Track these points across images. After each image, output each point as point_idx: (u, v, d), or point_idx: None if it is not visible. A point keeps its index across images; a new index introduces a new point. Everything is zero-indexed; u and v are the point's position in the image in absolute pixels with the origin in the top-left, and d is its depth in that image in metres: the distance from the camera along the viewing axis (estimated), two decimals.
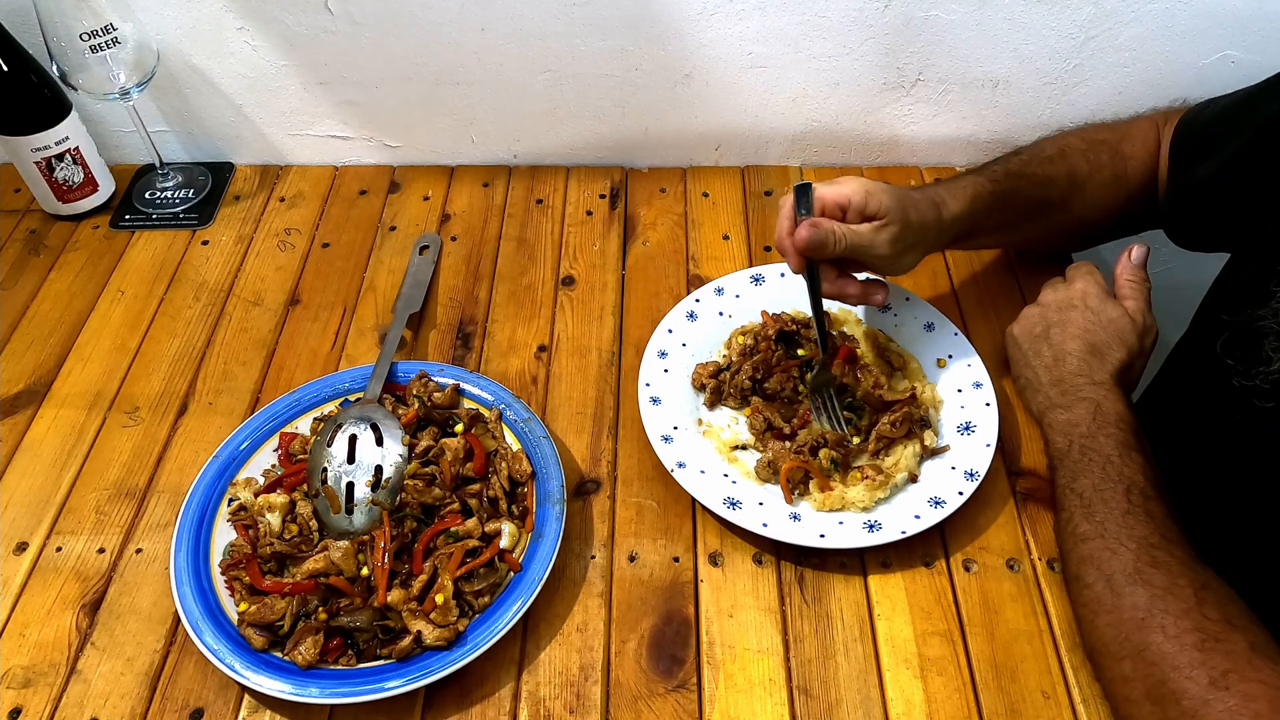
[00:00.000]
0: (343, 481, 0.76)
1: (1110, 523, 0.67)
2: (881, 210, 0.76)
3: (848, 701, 0.68)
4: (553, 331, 0.94)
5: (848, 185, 0.76)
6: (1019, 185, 0.84)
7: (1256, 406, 0.70)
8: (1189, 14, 0.95)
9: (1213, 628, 0.60)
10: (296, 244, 1.04)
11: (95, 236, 1.04)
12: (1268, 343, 0.70)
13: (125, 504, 0.80)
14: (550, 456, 0.78)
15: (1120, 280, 0.84)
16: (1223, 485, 0.76)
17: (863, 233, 0.76)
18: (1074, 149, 0.87)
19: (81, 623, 0.73)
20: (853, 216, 0.76)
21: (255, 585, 0.71)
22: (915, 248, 0.79)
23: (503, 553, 0.73)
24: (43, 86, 0.98)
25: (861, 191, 0.76)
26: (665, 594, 0.74)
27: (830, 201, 0.76)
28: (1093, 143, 0.88)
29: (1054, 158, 0.86)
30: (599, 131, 1.09)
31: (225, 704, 0.68)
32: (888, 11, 0.97)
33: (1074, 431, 0.74)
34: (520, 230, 1.04)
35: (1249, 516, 0.72)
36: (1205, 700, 0.57)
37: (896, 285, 0.92)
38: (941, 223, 0.80)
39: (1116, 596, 0.64)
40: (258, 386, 0.89)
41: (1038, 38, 0.98)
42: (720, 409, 0.85)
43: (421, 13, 0.98)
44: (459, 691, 0.69)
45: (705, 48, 1.00)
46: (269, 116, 1.08)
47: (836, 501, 0.76)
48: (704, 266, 1.00)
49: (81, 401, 0.88)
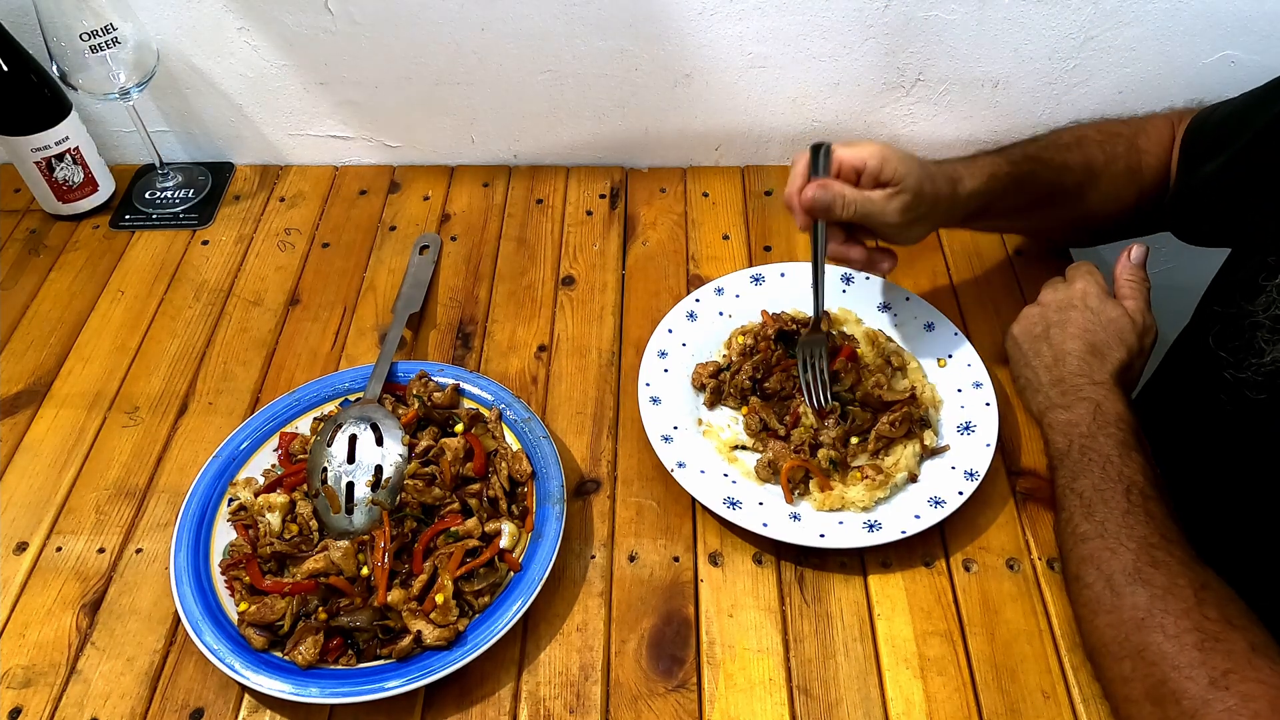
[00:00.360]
0: (343, 481, 0.76)
1: (1110, 523, 0.67)
2: (896, 178, 0.75)
3: (848, 701, 0.68)
4: (553, 331, 0.94)
5: (865, 149, 0.75)
6: (1036, 169, 0.84)
7: (1248, 398, 0.70)
8: (1189, 14, 0.95)
9: (1213, 628, 0.60)
10: (296, 244, 1.04)
11: (95, 236, 1.05)
12: (1260, 335, 0.70)
13: (125, 504, 0.80)
14: (550, 456, 0.78)
15: (1120, 280, 0.84)
16: (1218, 477, 0.76)
17: (874, 199, 0.75)
18: (1090, 139, 0.87)
19: (81, 623, 0.73)
20: (867, 181, 0.76)
21: (255, 585, 0.71)
22: (925, 219, 0.79)
23: (503, 553, 0.73)
24: (43, 86, 0.98)
25: (878, 157, 0.75)
26: (665, 594, 0.74)
27: (846, 164, 0.76)
28: (1109, 134, 0.88)
29: (1071, 145, 0.86)
30: (599, 131, 1.09)
31: (225, 704, 0.68)
32: (888, 11, 0.97)
33: (1074, 431, 0.74)
34: (520, 230, 1.04)
35: (1244, 508, 0.73)
36: (1205, 700, 0.57)
37: (896, 285, 0.92)
38: (956, 198, 0.79)
39: (1116, 596, 0.64)
40: (258, 386, 0.89)
41: (1038, 38, 0.98)
42: (720, 409, 0.85)
43: (421, 13, 0.98)
44: (459, 691, 0.68)
45: (705, 48, 1.00)
46: (269, 116, 1.08)
47: (836, 501, 0.76)
48: (704, 266, 1.00)
49: (81, 401, 0.88)
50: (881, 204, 0.75)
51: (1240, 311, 0.73)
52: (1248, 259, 0.76)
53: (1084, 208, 0.88)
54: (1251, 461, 0.71)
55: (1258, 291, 0.71)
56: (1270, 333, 0.70)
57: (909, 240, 0.80)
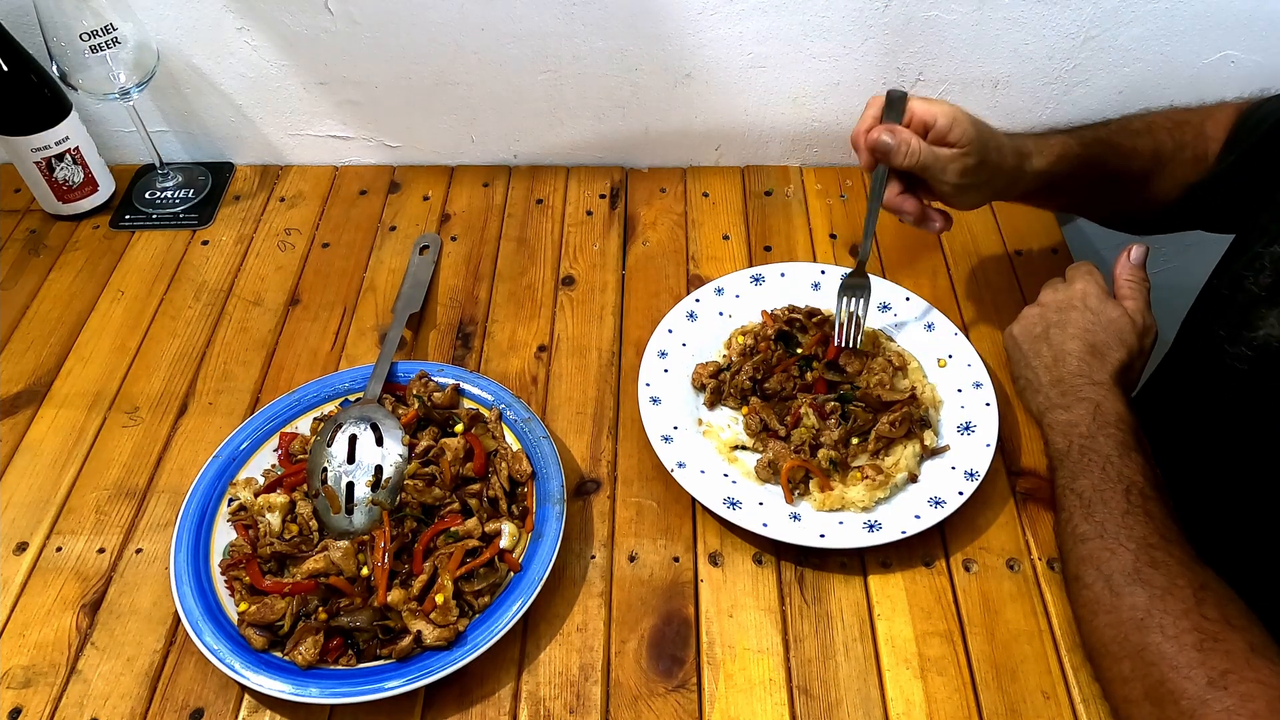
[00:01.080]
0: (343, 481, 0.76)
1: (1110, 523, 0.67)
2: (963, 140, 0.76)
3: (848, 701, 0.68)
4: (553, 331, 0.94)
5: (939, 106, 0.76)
6: (1105, 153, 0.85)
7: (1238, 370, 0.72)
8: (1189, 14, 0.95)
9: (1211, 628, 0.60)
10: (296, 244, 1.04)
11: (95, 236, 1.05)
12: (1255, 310, 0.72)
13: (125, 504, 0.80)
14: (550, 456, 0.78)
15: (1120, 280, 0.84)
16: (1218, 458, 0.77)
17: (938, 154, 0.76)
18: (1160, 126, 0.88)
19: (81, 623, 0.73)
20: (935, 138, 0.77)
21: (255, 585, 0.71)
22: (984, 187, 0.79)
23: (503, 553, 0.73)
24: (43, 86, 0.98)
25: (949, 116, 0.76)
26: (665, 594, 0.74)
27: (918, 117, 0.77)
28: (1178, 122, 0.88)
29: (1140, 131, 0.87)
30: (599, 131, 1.09)
31: (225, 704, 0.68)
32: (888, 11, 0.97)
33: (1073, 432, 0.74)
34: (520, 230, 1.04)
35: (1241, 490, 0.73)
36: (1203, 700, 0.57)
37: (897, 285, 0.92)
38: (1022, 172, 0.80)
39: (1116, 597, 0.64)
40: (258, 386, 0.89)
41: (1038, 38, 0.98)
42: (720, 409, 0.85)
43: (421, 13, 0.98)
44: (459, 691, 0.68)
45: (705, 48, 1.00)
46: (269, 116, 1.08)
47: (836, 501, 0.76)
48: (704, 266, 1.00)
49: (81, 401, 0.88)
50: (944, 161, 0.76)
51: (1236, 285, 0.75)
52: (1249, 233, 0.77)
53: (1147, 195, 0.89)
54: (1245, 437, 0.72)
55: (1254, 259, 0.73)
56: (1266, 305, 0.71)
57: (965, 205, 0.81)
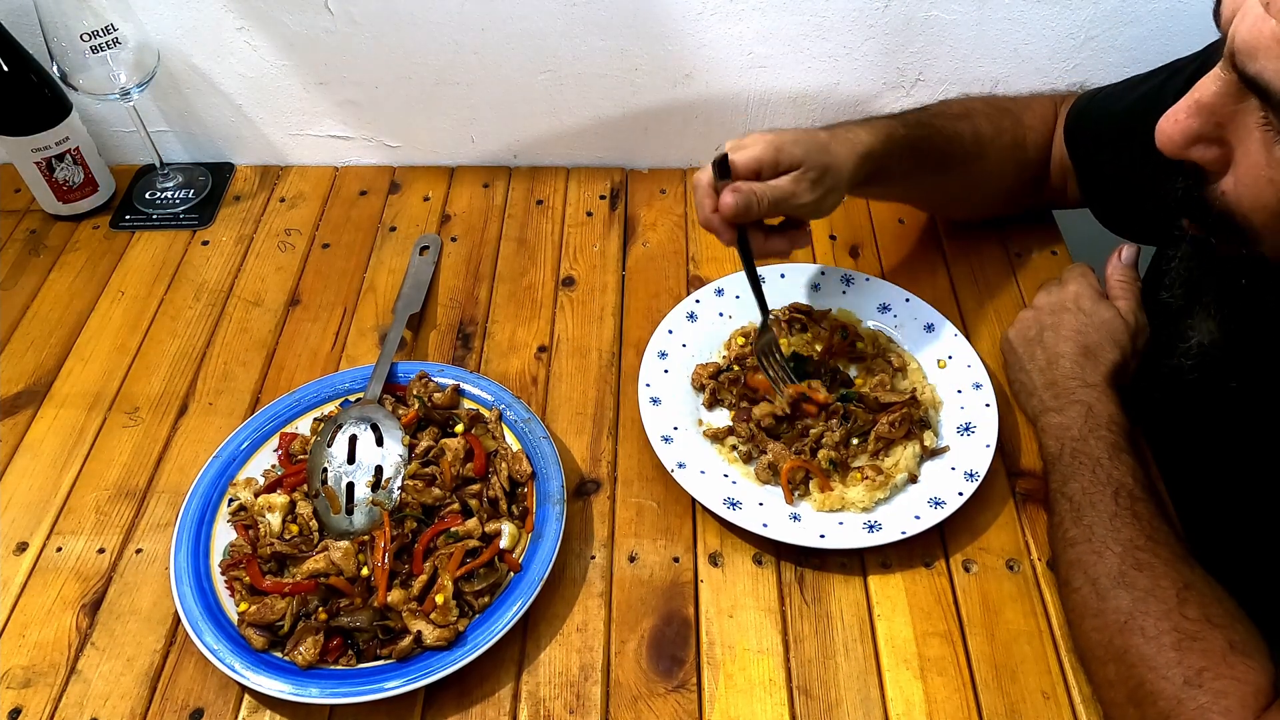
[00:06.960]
0: (343, 482, 0.76)
1: (1098, 526, 0.67)
2: (794, 162, 0.75)
3: (848, 702, 0.68)
4: (553, 332, 0.94)
5: (755, 146, 0.75)
6: (929, 135, 0.85)
7: (1186, 375, 0.72)
8: (1189, 14, 0.95)
9: (1191, 627, 0.60)
10: (296, 244, 1.04)
11: (95, 237, 1.04)
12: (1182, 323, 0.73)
13: (125, 504, 0.80)
14: (550, 457, 0.78)
15: (1111, 281, 0.83)
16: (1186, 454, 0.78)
17: (783, 186, 0.75)
18: (979, 111, 0.89)
19: (81, 623, 0.73)
20: (768, 173, 0.75)
21: (255, 585, 0.71)
22: (838, 187, 0.78)
23: (503, 553, 0.73)
24: (43, 86, 0.98)
25: (771, 149, 0.75)
26: (665, 594, 0.74)
27: (743, 165, 0.75)
28: (997, 109, 0.90)
29: (960, 115, 0.88)
30: (599, 132, 1.09)
31: (225, 704, 0.68)
32: (888, 11, 0.97)
33: (1065, 435, 0.74)
34: (520, 231, 1.04)
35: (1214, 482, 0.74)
36: (1179, 699, 0.57)
37: (896, 286, 0.92)
38: (855, 157, 0.78)
39: (1101, 600, 0.64)
40: (258, 387, 0.89)
41: (1038, 38, 0.98)
42: (720, 409, 0.85)
43: (421, 13, 0.98)
44: (459, 691, 0.69)
45: (705, 48, 1.00)
46: (269, 116, 1.08)
47: (836, 502, 0.76)
48: (704, 267, 1.00)
49: (81, 401, 0.88)
50: (792, 188, 0.75)
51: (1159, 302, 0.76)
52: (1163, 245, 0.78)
53: (971, 178, 0.89)
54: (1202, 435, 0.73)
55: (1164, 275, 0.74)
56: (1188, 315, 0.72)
57: (825, 212, 0.79)
